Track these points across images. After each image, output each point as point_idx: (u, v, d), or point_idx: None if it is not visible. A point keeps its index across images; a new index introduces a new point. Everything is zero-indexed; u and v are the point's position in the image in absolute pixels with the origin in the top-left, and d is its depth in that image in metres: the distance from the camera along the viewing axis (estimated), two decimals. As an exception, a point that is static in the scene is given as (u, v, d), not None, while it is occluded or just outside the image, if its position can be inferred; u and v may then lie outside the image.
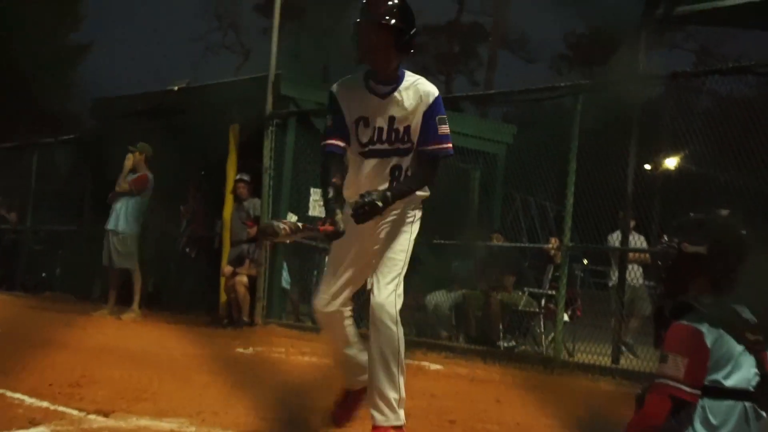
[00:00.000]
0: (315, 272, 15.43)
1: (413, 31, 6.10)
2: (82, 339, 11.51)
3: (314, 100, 15.21)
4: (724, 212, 4.66)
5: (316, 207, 15.40)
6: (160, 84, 19.15)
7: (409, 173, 6.17)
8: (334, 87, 6.24)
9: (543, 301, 13.76)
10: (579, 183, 11.95)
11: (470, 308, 14.03)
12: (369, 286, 6.18)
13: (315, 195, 15.32)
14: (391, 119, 6.09)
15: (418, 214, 6.32)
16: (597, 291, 15.73)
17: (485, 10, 43.48)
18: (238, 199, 15.57)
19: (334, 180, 6.03)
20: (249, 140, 15.60)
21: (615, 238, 13.53)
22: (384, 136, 6.11)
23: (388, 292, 6.03)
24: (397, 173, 6.15)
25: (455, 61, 43.78)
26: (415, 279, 15.87)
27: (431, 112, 6.10)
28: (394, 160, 6.14)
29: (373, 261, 6.17)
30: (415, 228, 6.29)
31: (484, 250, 14.49)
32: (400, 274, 6.11)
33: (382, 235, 6.21)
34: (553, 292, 13.11)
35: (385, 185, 6.11)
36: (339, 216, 5.88)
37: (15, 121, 33.91)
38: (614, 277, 13.53)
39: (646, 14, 13.09)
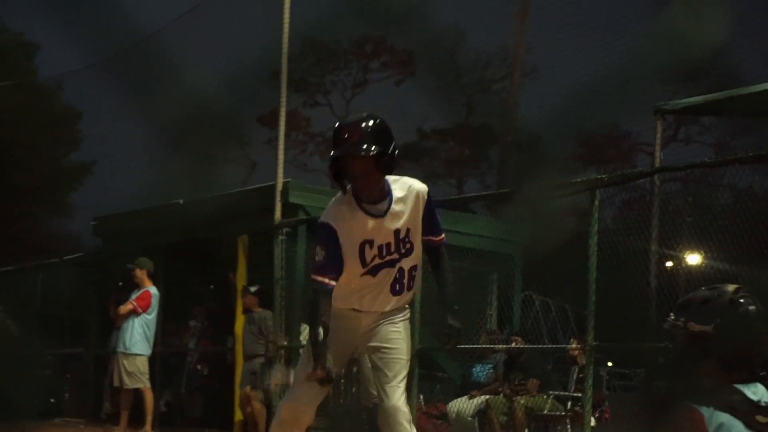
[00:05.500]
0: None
1: (393, 148, 6.02)
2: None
3: (324, 207, 14.98)
4: (731, 287, 4.28)
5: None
6: (164, 200, 18.91)
7: (414, 272, 6.24)
8: (330, 218, 6.15)
9: (569, 404, 13.38)
10: (600, 282, 11.67)
11: (494, 414, 13.65)
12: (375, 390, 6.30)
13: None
14: (396, 232, 6.08)
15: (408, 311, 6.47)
16: (624, 393, 15.35)
17: (493, 111, 43.42)
18: (248, 312, 15.22)
19: (324, 320, 5.98)
20: (259, 251, 15.34)
21: None
22: (392, 249, 6.10)
23: (400, 393, 6.12)
24: (398, 275, 6.17)
25: (466, 164, 43.76)
26: (435, 386, 15.65)
27: (429, 207, 6.16)
28: (398, 266, 6.15)
29: (364, 360, 6.38)
30: (409, 325, 6.42)
31: (506, 354, 14.16)
32: (406, 374, 6.24)
33: (382, 333, 6.25)
34: (579, 395, 12.75)
35: (388, 290, 6.18)
36: (329, 360, 5.92)
37: (18, 244, 33.77)
38: None
39: (660, 108, 12.89)
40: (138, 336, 14.86)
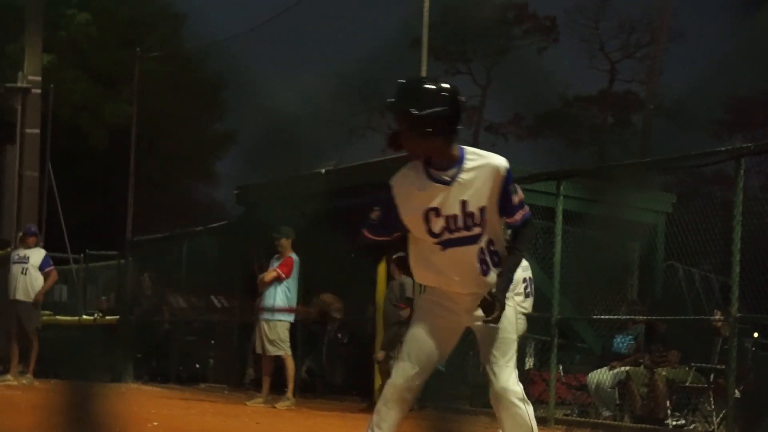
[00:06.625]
0: (470, 353, 15.05)
1: (435, 114, 5.71)
2: (237, 429, 11.37)
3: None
4: None
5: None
6: (304, 168, 19.04)
7: (493, 248, 5.95)
8: (394, 180, 5.98)
9: (712, 377, 13.12)
10: (745, 252, 11.40)
11: (634, 386, 13.47)
12: (483, 370, 6.03)
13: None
14: (464, 204, 5.84)
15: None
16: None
17: (637, 77, 42.74)
18: (391, 280, 15.23)
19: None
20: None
21: None
22: (460, 223, 5.86)
23: (509, 372, 5.96)
24: (482, 256, 5.93)
25: (609, 131, 43.18)
26: (575, 357, 15.51)
27: (505, 185, 5.85)
28: (476, 247, 5.91)
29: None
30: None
31: (646, 325, 13.96)
32: (515, 351, 6.06)
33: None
34: (722, 367, 12.48)
35: (477, 271, 5.93)
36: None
37: (167, 212, 34.44)
38: None
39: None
40: (280, 303, 15.03)
